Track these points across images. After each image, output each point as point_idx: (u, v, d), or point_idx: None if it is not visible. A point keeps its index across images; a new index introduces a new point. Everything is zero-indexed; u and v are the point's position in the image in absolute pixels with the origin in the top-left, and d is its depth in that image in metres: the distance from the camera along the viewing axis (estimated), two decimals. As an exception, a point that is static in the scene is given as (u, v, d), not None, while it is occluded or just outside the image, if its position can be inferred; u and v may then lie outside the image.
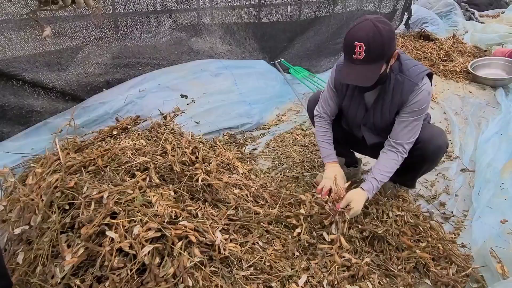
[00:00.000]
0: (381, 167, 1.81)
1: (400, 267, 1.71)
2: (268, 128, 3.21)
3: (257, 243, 1.66)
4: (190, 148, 1.92)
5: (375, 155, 2.22)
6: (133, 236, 1.37)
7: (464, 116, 3.62)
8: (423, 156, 1.91)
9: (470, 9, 9.49)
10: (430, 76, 1.77)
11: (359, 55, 1.51)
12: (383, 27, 1.49)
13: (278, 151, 2.79)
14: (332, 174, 1.90)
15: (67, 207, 1.49)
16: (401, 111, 1.78)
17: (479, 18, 9.26)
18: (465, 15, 8.69)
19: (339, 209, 1.74)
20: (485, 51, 5.79)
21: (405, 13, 6.70)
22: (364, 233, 1.80)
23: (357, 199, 1.73)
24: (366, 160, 2.54)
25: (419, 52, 5.52)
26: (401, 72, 1.71)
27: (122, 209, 1.45)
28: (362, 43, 1.48)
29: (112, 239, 1.36)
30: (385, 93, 1.77)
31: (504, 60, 4.74)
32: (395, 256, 1.75)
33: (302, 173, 2.47)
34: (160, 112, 2.37)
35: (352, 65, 1.56)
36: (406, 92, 1.70)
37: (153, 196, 1.54)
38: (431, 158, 1.94)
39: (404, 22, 6.89)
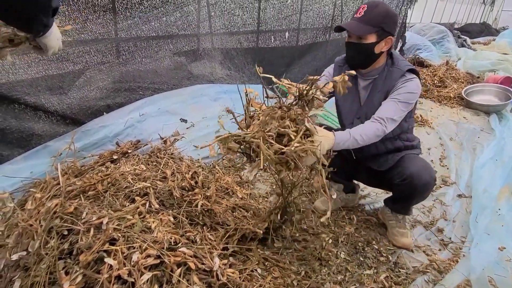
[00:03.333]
0: (359, 128, 1.74)
1: None
2: (266, 152, 3.23)
3: (256, 270, 1.65)
4: (190, 173, 1.93)
5: (370, 180, 2.25)
6: (132, 263, 1.36)
7: (459, 142, 3.67)
8: (411, 192, 1.92)
9: (462, 36, 9.78)
10: (417, 75, 1.86)
11: (359, 14, 1.75)
12: (388, 7, 1.78)
13: (276, 175, 2.80)
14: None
15: (66, 232, 1.48)
16: (389, 96, 1.84)
17: (471, 45, 9.52)
18: (457, 42, 8.93)
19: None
20: (478, 77, 5.93)
21: (399, 40, 6.88)
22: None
23: (326, 136, 1.57)
24: (364, 186, 2.55)
25: (413, 77, 5.63)
26: (393, 65, 1.87)
27: (121, 235, 1.44)
28: (366, 5, 1.74)
29: (111, 266, 1.35)
30: (378, 83, 1.88)
31: (496, 87, 4.86)
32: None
33: (300, 197, 2.48)
34: (160, 136, 2.39)
35: (350, 21, 1.79)
36: (394, 78, 1.82)
37: (153, 222, 1.54)
38: (419, 193, 1.94)
39: (398, 49, 7.06)
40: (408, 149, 2.01)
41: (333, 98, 2.10)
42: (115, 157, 2.10)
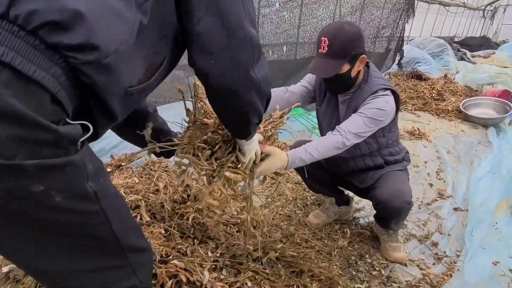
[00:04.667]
0: (316, 141, 1.71)
1: None
2: (263, 165, 3.24)
3: (246, 284, 1.64)
4: (183, 186, 1.93)
5: (358, 193, 2.25)
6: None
7: (457, 155, 3.67)
8: (386, 215, 1.95)
9: (462, 50, 9.84)
10: (395, 95, 1.79)
11: (323, 49, 1.63)
12: (349, 27, 1.62)
13: (271, 188, 2.81)
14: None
15: (56, 245, 1.49)
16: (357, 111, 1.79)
17: (470, 58, 9.58)
18: (457, 55, 8.99)
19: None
20: (476, 90, 5.95)
21: (397, 53, 6.94)
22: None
23: (275, 157, 1.51)
24: (358, 198, 2.55)
25: (412, 91, 5.67)
26: (366, 82, 1.81)
27: (111, 247, 1.45)
28: (326, 38, 1.61)
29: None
30: (353, 101, 1.83)
31: (494, 100, 4.87)
32: None
33: (295, 211, 2.48)
34: (155, 149, 2.41)
35: (317, 58, 1.69)
36: (363, 96, 1.77)
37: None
38: (394, 217, 1.94)
39: (396, 62, 7.13)
40: (391, 163, 1.99)
41: (310, 77, 2.05)
42: (108, 169, 2.12)
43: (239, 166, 1.44)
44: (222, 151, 1.38)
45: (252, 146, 1.34)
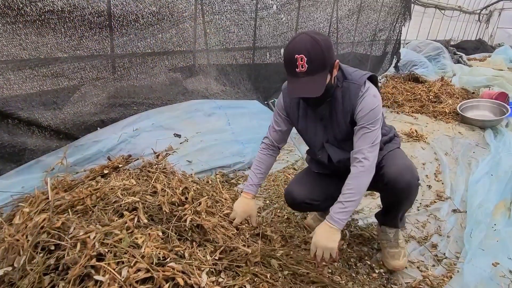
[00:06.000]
0: (345, 189, 1.66)
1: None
2: (261, 167, 3.23)
3: (245, 286, 1.62)
4: (181, 188, 1.92)
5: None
6: (122, 278, 1.34)
7: (455, 157, 3.67)
8: (395, 196, 1.84)
9: (458, 53, 9.91)
10: (373, 79, 1.74)
11: (302, 67, 1.48)
12: (320, 37, 1.50)
13: (270, 190, 2.80)
14: (240, 208, 1.90)
15: (52, 247, 1.47)
16: (356, 121, 1.70)
17: (466, 61, 9.64)
18: (453, 58, 9.05)
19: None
20: (473, 93, 5.98)
21: (394, 56, 6.97)
22: None
23: (321, 238, 1.61)
24: (360, 207, 2.54)
25: (409, 93, 5.69)
26: (345, 79, 1.69)
27: (108, 250, 1.43)
28: (302, 55, 1.47)
29: (97, 282, 1.33)
30: (336, 103, 1.72)
31: (491, 102, 4.89)
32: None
33: (294, 213, 2.46)
34: (153, 151, 2.39)
35: (297, 79, 1.52)
36: (354, 95, 1.67)
37: (140, 237, 1.52)
38: (404, 196, 1.84)
39: (393, 65, 7.16)
40: (386, 143, 1.92)
41: (278, 104, 1.93)
42: (105, 171, 2.10)
43: None
44: None
45: None
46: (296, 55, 1.48)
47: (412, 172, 1.78)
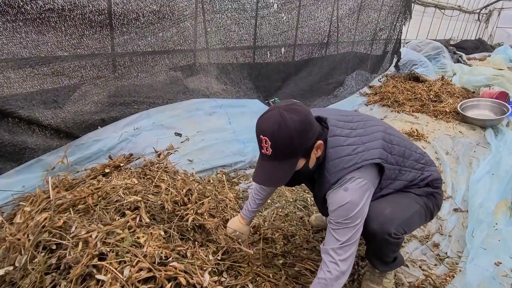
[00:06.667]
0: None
1: None
2: (262, 166, 3.22)
3: (247, 285, 1.62)
4: (184, 190, 1.91)
5: None
6: (124, 278, 1.33)
7: (455, 156, 3.67)
8: (368, 242, 1.61)
9: (458, 52, 9.91)
10: (379, 167, 1.43)
11: (266, 150, 1.27)
12: (291, 117, 1.23)
13: (271, 189, 2.79)
14: (231, 230, 1.84)
15: (54, 247, 1.46)
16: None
17: (466, 60, 9.64)
18: (453, 58, 9.04)
19: None
20: (473, 92, 5.97)
21: (395, 56, 6.97)
22: None
23: None
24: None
25: (409, 93, 5.69)
26: (324, 166, 1.42)
27: (110, 249, 1.42)
28: (266, 137, 1.25)
29: (99, 281, 1.32)
30: (316, 182, 1.52)
31: (492, 101, 4.89)
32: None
33: (295, 212, 2.46)
34: (154, 150, 2.38)
35: (262, 161, 1.34)
36: (322, 189, 1.44)
37: (142, 236, 1.52)
38: (376, 245, 1.56)
39: (394, 64, 7.15)
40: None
41: None
42: (107, 170, 2.09)
43: None
44: None
45: None
46: (261, 136, 1.27)
47: (380, 222, 1.47)
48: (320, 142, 1.36)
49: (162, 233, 1.65)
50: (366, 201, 1.38)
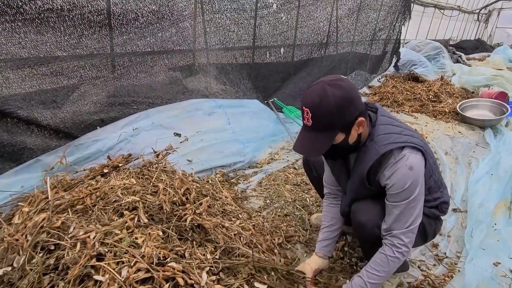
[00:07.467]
0: (370, 264, 1.54)
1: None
2: (261, 167, 3.22)
3: (243, 286, 1.61)
4: (182, 189, 1.91)
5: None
6: (122, 279, 1.33)
7: (455, 156, 3.67)
8: (359, 239, 1.72)
9: (457, 52, 9.91)
10: (419, 150, 1.45)
11: (308, 121, 1.34)
12: (333, 92, 1.29)
13: (270, 189, 2.79)
14: (309, 266, 1.81)
15: (52, 247, 1.46)
16: (387, 195, 1.50)
17: (466, 60, 9.64)
18: (452, 58, 9.05)
19: None
20: (473, 92, 5.98)
21: (394, 56, 6.97)
22: None
23: None
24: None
25: (409, 93, 5.69)
26: (371, 140, 1.47)
27: (108, 250, 1.42)
28: (307, 109, 1.32)
29: (97, 282, 1.32)
30: (357, 162, 1.55)
31: (491, 102, 4.89)
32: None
33: (294, 212, 2.46)
34: (153, 150, 2.38)
35: (303, 131, 1.41)
36: (369, 158, 1.46)
37: (140, 237, 1.51)
38: (364, 241, 1.67)
39: (393, 64, 7.16)
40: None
41: None
42: (105, 170, 2.09)
43: None
44: None
45: None
46: (304, 107, 1.34)
47: (367, 215, 1.59)
48: (361, 119, 1.39)
49: (160, 233, 1.65)
50: (422, 180, 1.45)
